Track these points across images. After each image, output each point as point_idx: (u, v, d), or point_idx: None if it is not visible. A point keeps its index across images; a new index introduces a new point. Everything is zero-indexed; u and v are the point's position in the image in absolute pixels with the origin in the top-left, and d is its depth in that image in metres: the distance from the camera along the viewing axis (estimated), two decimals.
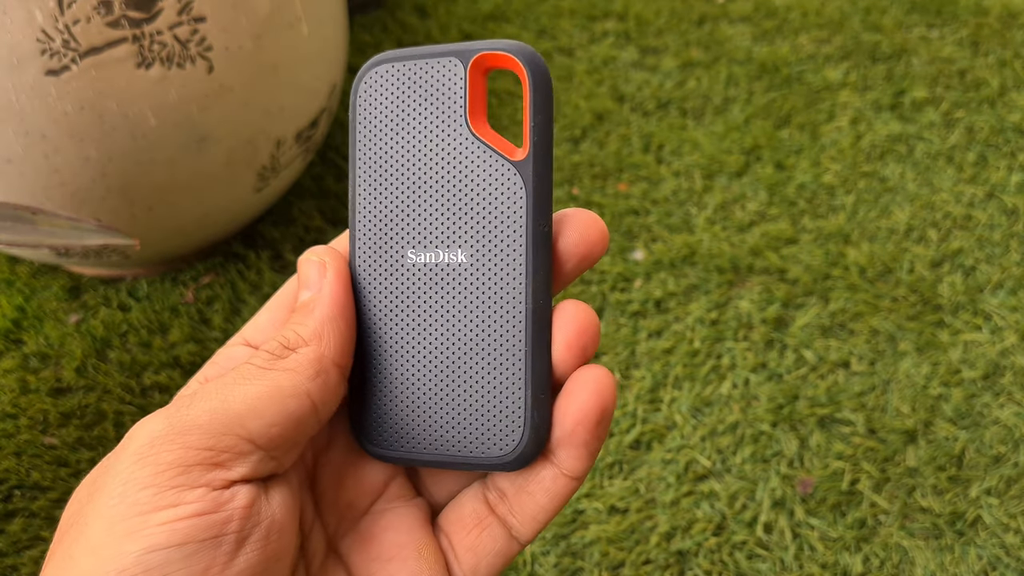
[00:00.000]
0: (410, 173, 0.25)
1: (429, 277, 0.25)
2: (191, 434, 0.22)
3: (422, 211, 0.25)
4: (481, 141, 0.24)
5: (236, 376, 0.24)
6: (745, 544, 0.62)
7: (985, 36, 1.05)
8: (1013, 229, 0.84)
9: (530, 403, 0.24)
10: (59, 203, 0.63)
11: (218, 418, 0.23)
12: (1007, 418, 0.69)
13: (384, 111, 0.25)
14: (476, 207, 0.24)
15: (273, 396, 0.23)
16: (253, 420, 0.23)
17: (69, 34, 0.57)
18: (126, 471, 0.22)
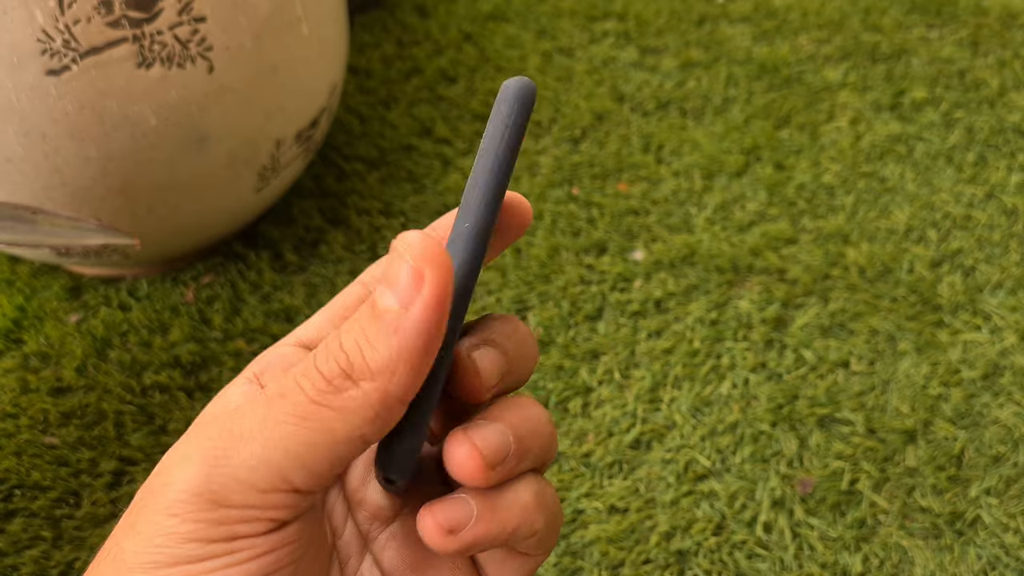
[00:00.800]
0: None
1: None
2: (233, 494, 0.20)
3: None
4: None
5: (283, 409, 0.20)
6: (745, 544, 0.62)
7: (985, 36, 1.05)
8: (1013, 229, 0.84)
9: (405, 436, 0.23)
10: (59, 203, 0.63)
11: (261, 474, 0.20)
12: (1007, 418, 0.69)
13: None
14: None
15: (324, 444, 0.20)
16: (299, 473, 0.20)
17: (69, 34, 0.57)
18: (163, 519, 0.20)
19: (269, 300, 0.79)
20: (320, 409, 0.20)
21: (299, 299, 0.78)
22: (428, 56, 1.04)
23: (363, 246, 0.83)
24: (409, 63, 1.03)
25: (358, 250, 0.83)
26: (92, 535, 0.63)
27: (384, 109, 0.97)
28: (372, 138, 0.94)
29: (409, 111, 0.97)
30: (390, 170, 0.90)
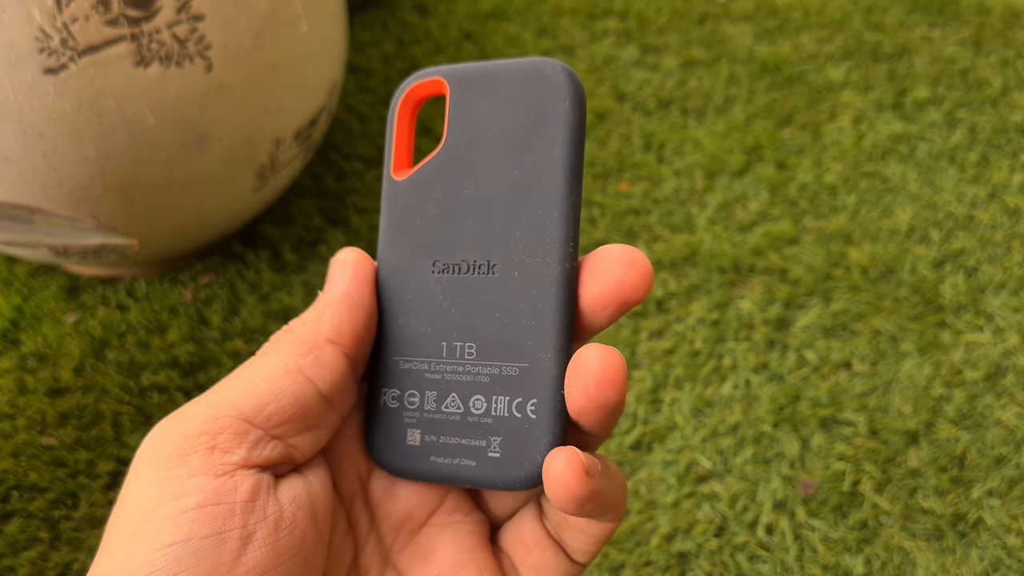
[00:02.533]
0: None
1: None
2: (187, 422, 0.22)
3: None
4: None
5: (237, 368, 0.24)
6: (746, 545, 0.62)
7: (987, 36, 1.04)
8: (1015, 229, 0.83)
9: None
10: (57, 202, 0.63)
11: (212, 404, 0.23)
12: (1009, 419, 0.69)
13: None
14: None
15: (265, 376, 0.23)
16: (246, 400, 0.23)
17: (67, 32, 0.56)
18: (134, 475, 0.22)
19: (268, 300, 0.78)
20: (263, 356, 0.24)
21: (298, 299, 0.78)
22: (428, 55, 1.04)
23: (362, 245, 0.83)
24: (409, 62, 1.03)
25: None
26: (90, 536, 0.62)
27: (384, 108, 0.97)
28: (371, 137, 0.94)
29: None
30: None
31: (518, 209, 0.24)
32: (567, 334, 0.23)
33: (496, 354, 0.24)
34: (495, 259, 0.24)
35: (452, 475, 0.25)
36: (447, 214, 0.25)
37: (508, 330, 0.24)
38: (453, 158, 0.25)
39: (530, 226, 0.24)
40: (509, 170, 0.24)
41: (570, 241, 0.23)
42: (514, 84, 0.24)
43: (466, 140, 0.25)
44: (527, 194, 0.24)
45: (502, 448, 0.24)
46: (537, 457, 0.23)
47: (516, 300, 0.24)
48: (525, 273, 0.24)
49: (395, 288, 0.26)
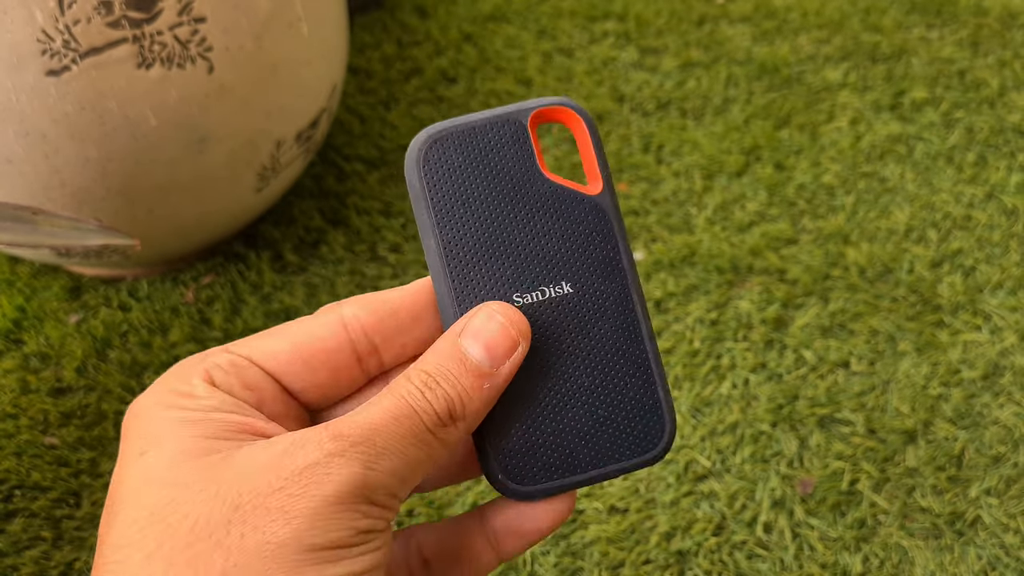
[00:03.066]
0: (496, 226, 0.27)
1: (540, 312, 0.27)
2: (376, 494, 0.23)
3: (518, 258, 0.27)
4: (560, 185, 0.27)
5: (408, 431, 0.24)
6: (745, 544, 0.62)
7: (985, 37, 1.05)
8: (1013, 229, 0.84)
9: (663, 401, 0.27)
10: (60, 203, 0.63)
11: (396, 480, 0.23)
12: (1007, 418, 0.69)
13: (455, 176, 0.27)
14: (570, 241, 0.27)
15: (424, 467, 0.24)
16: (407, 486, 0.24)
17: (69, 34, 0.57)
18: (324, 512, 0.22)
19: (269, 300, 0.79)
20: (432, 439, 0.24)
21: (299, 299, 0.78)
22: (428, 56, 1.04)
23: (363, 246, 0.83)
24: (409, 63, 1.03)
25: (358, 250, 0.83)
26: (92, 535, 0.63)
27: (384, 109, 0.98)
28: (372, 138, 0.94)
29: (409, 111, 0.97)
30: (390, 170, 0.90)
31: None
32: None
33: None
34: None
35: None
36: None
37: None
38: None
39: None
40: None
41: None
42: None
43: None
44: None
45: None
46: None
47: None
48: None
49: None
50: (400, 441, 0.23)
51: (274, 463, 0.22)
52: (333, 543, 0.22)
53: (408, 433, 0.24)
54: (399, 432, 0.23)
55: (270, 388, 0.26)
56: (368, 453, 0.23)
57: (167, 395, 0.24)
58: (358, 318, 0.26)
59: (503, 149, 0.27)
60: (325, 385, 0.26)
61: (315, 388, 0.26)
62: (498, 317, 0.25)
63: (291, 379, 0.26)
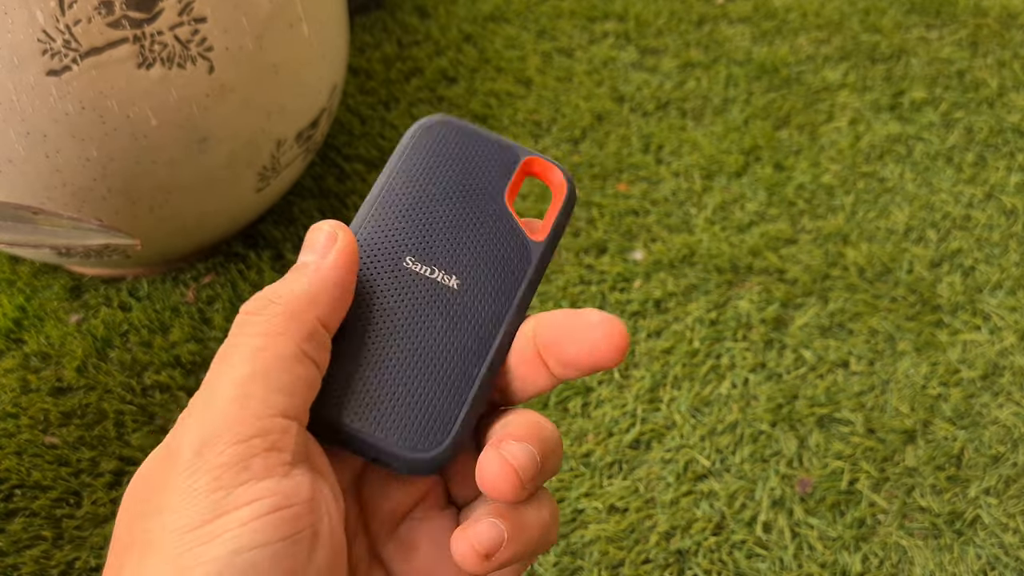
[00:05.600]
0: (438, 207, 0.29)
1: (416, 285, 0.28)
2: (233, 428, 0.22)
3: (434, 236, 0.29)
4: (510, 213, 0.29)
5: (239, 356, 0.23)
6: (744, 543, 0.63)
7: (984, 37, 1.05)
8: (1012, 229, 0.84)
9: (459, 423, 0.26)
10: (60, 203, 0.64)
11: (250, 405, 0.22)
12: (1006, 418, 0.69)
13: (435, 157, 0.29)
14: (485, 255, 0.29)
15: (280, 366, 0.23)
16: (276, 396, 0.23)
17: (70, 34, 0.57)
18: (183, 484, 0.21)
19: None
20: (267, 338, 0.23)
21: None
22: (428, 57, 1.04)
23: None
24: (409, 64, 1.04)
25: None
26: (93, 535, 0.63)
27: (384, 110, 0.98)
28: (373, 138, 0.94)
29: (409, 111, 0.97)
30: None
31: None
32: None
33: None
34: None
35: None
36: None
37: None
38: None
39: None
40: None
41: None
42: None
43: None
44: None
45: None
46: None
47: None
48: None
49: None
50: (235, 367, 0.23)
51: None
52: (204, 516, 0.21)
53: (240, 353, 0.23)
54: (234, 360, 0.23)
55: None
56: (198, 405, 0.23)
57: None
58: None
59: (486, 165, 0.30)
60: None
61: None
62: (323, 227, 0.26)
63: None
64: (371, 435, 0.26)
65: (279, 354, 0.23)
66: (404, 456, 0.26)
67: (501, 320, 0.28)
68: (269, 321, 0.24)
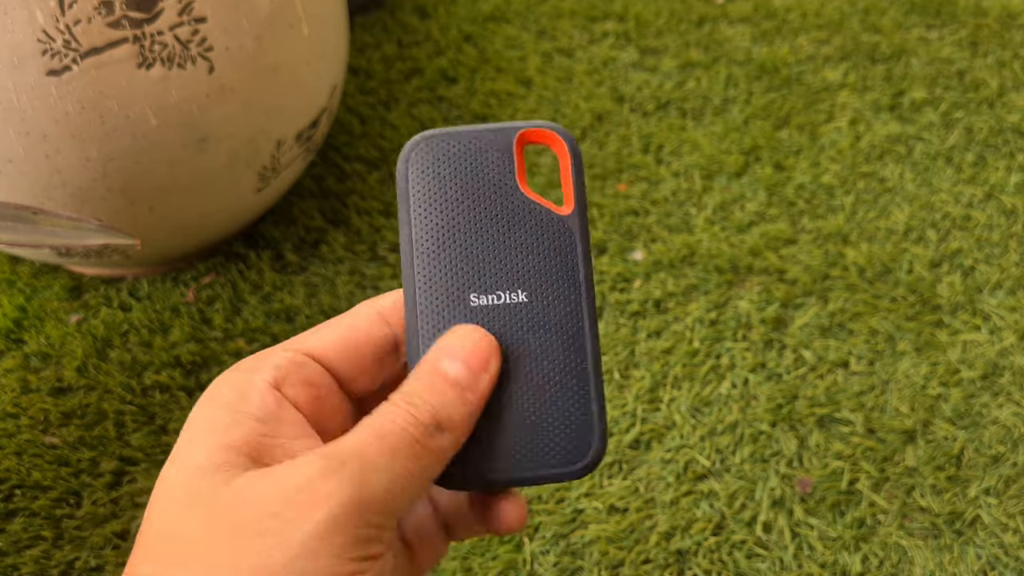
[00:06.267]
0: (467, 230, 0.28)
1: (493, 316, 0.28)
2: (371, 512, 0.23)
3: (482, 261, 0.28)
4: (533, 201, 0.28)
5: (396, 444, 0.24)
6: (744, 543, 0.63)
7: (984, 37, 1.05)
8: (1012, 229, 0.84)
9: (596, 419, 0.28)
10: (60, 203, 0.64)
11: (392, 496, 0.23)
12: (1006, 418, 0.69)
13: (437, 178, 0.29)
14: (533, 254, 0.28)
15: (420, 481, 0.25)
16: (405, 501, 0.24)
17: (70, 34, 0.57)
18: (318, 534, 0.22)
19: (270, 300, 0.79)
20: (421, 448, 0.24)
21: (299, 299, 0.79)
22: (428, 57, 1.04)
23: (363, 246, 0.83)
24: (409, 64, 1.04)
25: (358, 250, 0.83)
26: (93, 535, 0.63)
27: (384, 109, 0.98)
28: (373, 138, 0.94)
29: (409, 111, 0.97)
30: (390, 170, 0.90)
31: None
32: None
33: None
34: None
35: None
36: None
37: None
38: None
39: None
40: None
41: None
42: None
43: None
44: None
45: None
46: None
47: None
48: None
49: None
50: (389, 455, 0.24)
51: (269, 487, 0.23)
52: (325, 569, 0.22)
53: (396, 446, 0.24)
54: (387, 447, 0.24)
55: (327, 383, 0.27)
56: (357, 470, 0.23)
57: (226, 389, 0.25)
58: (399, 311, 0.28)
59: (486, 160, 0.29)
60: (372, 371, 0.28)
61: (364, 375, 0.28)
62: (472, 335, 0.27)
63: (343, 368, 0.27)
64: (529, 472, 0.27)
65: (425, 469, 0.25)
66: (567, 471, 0.27)
67: (579, 305, 0.28)
68: (438, 440, 0.25)
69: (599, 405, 0.28)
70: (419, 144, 0.29)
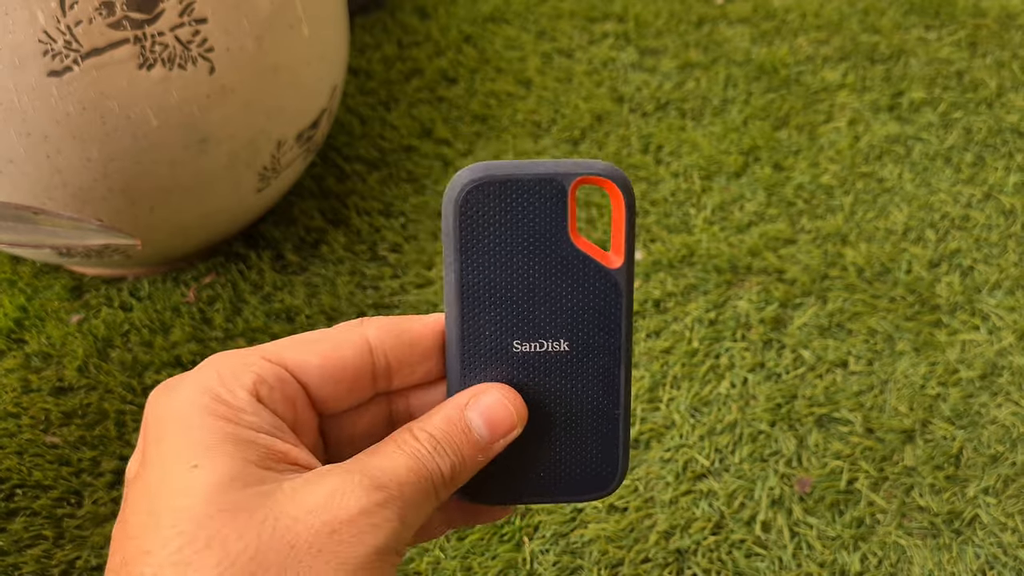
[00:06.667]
0: (514, 277, 0.29)
1: (534, 362, 0.29)
2: (403, 543, 0.25)
3: (527, 310, 0.29)
4: (583, 253, 0.29)
5: (427, 488, 0.26)
6: (743, 543, 0.63)
7: (983, 37, 1.05)
8: (1011, 230, 0.84)
9: (621, 455, 0.30)
10: (61, 203, 0.64)
11: (413, 533, 0.26)
12: (1005, 418, 0.69)
13: (487, 224, 0.28)
14: (578, 305, 0.29)
15: (417, 524, 0.26)
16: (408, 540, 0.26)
17: (71, 35, 0.57)
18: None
19: (270, 300, 0.79)
20: (435, 498, 0.26)
21: (300, 299, 0.79)
22: (428, 57, 1.04)
23: (363, 246, 0.84)
24: (409, 64, 1.04)
25: (359, 250, 0.83)
26: (94, 534, 0.63)
27: (384, 110, 0.98)
28: (373, 139, 0.94)
29: (409, 112, 0.97)
30: (391, 171, 0.91)
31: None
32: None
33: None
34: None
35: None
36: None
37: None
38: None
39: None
40: None
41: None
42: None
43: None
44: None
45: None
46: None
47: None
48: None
49: None
50: (422, 497, 0.26)
51: (325, 506, 0.23)
52: None
53: (426, 491, 0.26)
54: (422, 489, 0.26)
55: (302, 400, 0.27)
56: (404, 507, 0.25)
57: (210, 400, 0.25)
58: (383, 342, 0.28)
59: (539, 208, 0.28)
60: (343, 398, 0.28)
61: (335, 400, 0.28)
62: (504, 401, 0.28)
63: (318, 391, 0.28)
64: (551, 497, 0.30)
65: (426, 516, 0.27)
66: (587, 497, 0.31)
67: (618, 357, 0.29)
68: (445, 494, 0.27)
69: (624, 445, 0.30)
70: (471, 187, 0.28)
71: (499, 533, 0.63)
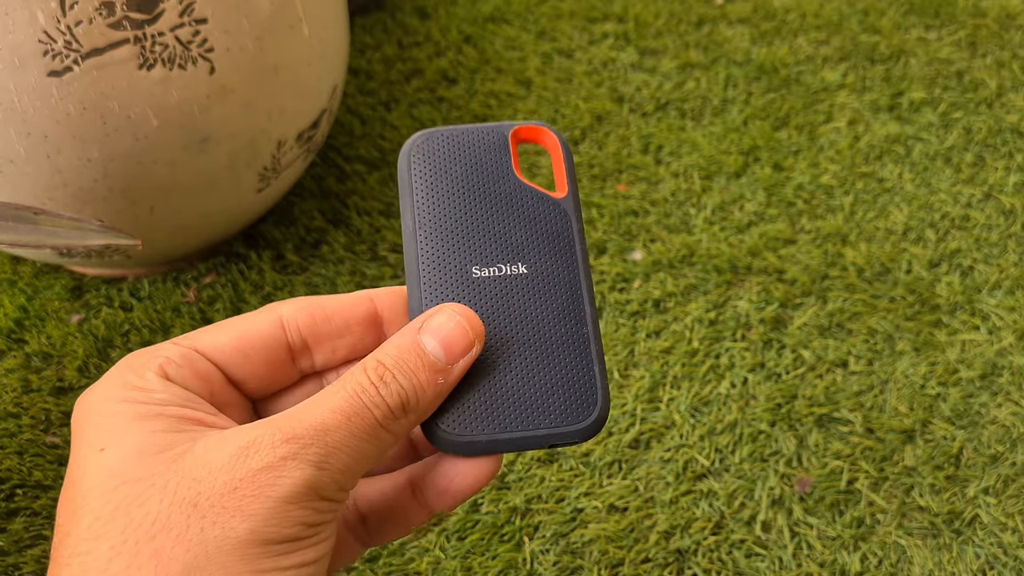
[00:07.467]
0: (468, 212, 0.30)
1: (494, 286, 0.29)
2: (329, 490, 0.24)
3: (482, 238, 0.30)
4: (530, 186, 0.31)
5: (359, 427, 0.25)
6: (744, 543, 0.63)
7: (983, 37, 1.05)
8: (1011, 230, 0.84)
9: (599, 378, 0.29)
10: (61, 203, 0.64)
11: (347, 474, 0.25)
12: (1004, 417, 0.69)
13: (438, 168, 0.31)
14: (531, 231, 0.30)
15: (375, 458, 0.26)
16: (358, 476, 0.25)
17: (71, 35, 0.57)
18: (280, 509, 0.24)
19: (270, 300, 0.79)
20: (383, 432, 0.25)
21: None
22: (428, 57, 1.05)
23: (364, 246, 0.84)
24: (410, 64, 1.04)
25: (359, 250, 0.83)
26: None
27: (385, 110, 0.98)
28: (373, 139, 0.94)
29: (410, 112, 0.97)
30: (391, 171, 0.91)
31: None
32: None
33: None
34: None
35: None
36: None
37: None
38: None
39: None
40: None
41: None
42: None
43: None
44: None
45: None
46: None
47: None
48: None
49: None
50: (351, 438, 0.24)
51: (229, 464, 0.23)
52: (286, 538, 0.23)
53: (360, 430, 0.25)
54: (351, 430, 0.25)
55: (218, 378, 0.27)
56: (319, 454, 0.24)
57: (120, 389, 0.25)
58: (295, 318, 0.28)
59: (484, 153, 0.31)
60: (263, 377, 0.28)
61: (255, 379, 0.28)
62: (457, 317, 0.27)
63: (233, 369, 0.28)
64: (532, 431, 0.28)
65: (382, 450, 0.26)
66: (572, 430, 0.28)
67: (577, 277, 0.30)
68: (399, 436, 0.26)
69: (600, 367, 0.29)
70: (420, 139, 0.31)
71: (499, 533, 0.63)
